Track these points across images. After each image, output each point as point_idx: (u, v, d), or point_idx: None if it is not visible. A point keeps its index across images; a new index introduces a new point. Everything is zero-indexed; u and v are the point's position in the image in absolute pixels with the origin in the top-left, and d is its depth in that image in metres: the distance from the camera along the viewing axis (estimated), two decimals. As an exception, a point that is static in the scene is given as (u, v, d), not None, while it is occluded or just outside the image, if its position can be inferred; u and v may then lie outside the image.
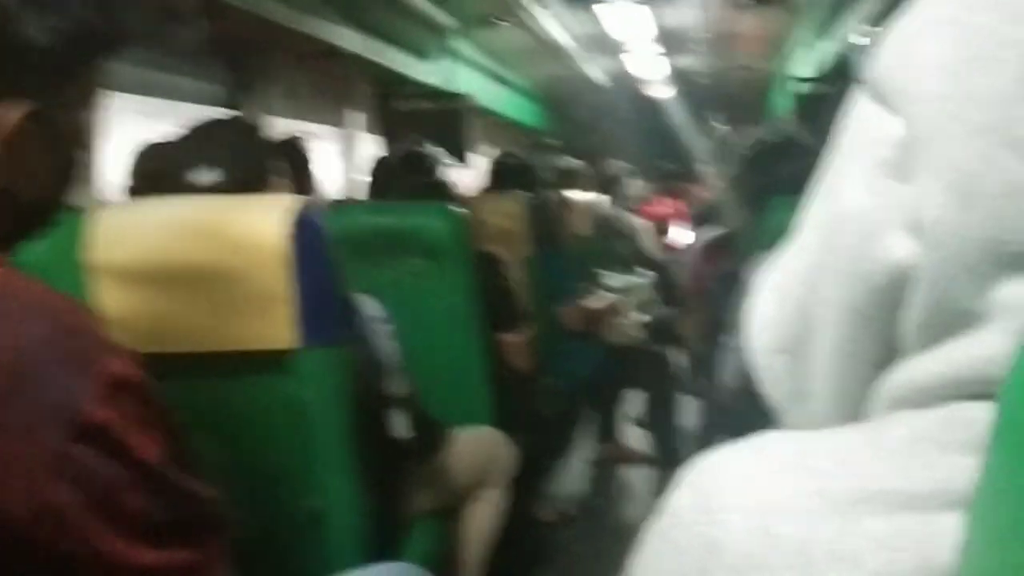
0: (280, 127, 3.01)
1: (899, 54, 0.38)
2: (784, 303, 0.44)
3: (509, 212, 2.52)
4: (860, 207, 0.38)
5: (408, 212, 1.90)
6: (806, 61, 4.19)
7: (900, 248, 0.36)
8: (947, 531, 0.31)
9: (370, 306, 1.32)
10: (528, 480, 2.22)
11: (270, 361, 1.16)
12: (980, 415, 0.33)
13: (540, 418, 2.48)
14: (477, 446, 1.84)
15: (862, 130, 0.39)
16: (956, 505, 0.31)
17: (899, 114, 0.37)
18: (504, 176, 2.81)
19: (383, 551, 1.36)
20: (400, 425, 1.42)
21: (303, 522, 1.23)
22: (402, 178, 2.41)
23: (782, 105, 4.68)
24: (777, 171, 1.81)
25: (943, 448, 0.33)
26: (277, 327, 1.14)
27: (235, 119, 1.56)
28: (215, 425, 1.15)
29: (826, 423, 0.43)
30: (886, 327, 0.38)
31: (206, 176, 1.25)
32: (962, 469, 0.32)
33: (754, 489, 0.35)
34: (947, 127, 0.34)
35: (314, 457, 1.19)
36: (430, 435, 1.64)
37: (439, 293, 1.87)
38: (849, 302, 0.39)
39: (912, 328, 0.37)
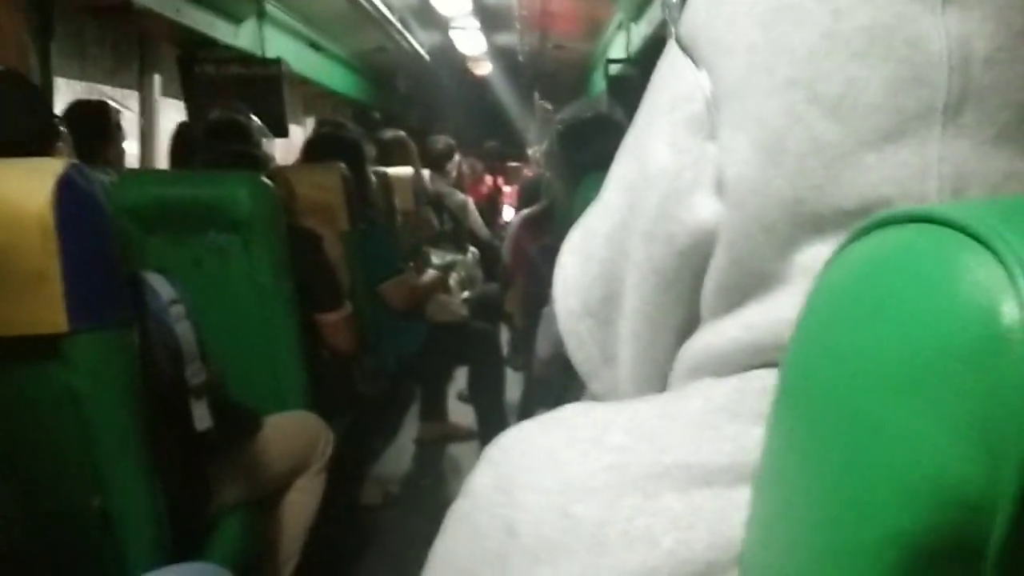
0: (65, 89, 2.74)
1: (708, 4, 0.36)
2: (588, 266, 0.42)
3: (326, 184, 2.41)
4: (665, 166, 0.37)
5: (208, 182, 1.76)
6: (620, 43, 4.31)
7: (704, 209, 0.35)
8: (740, 505, 0.30)
9: (159, 284, 1.20)
10: (349, 463, 2.15)
11: (38, 347, 1.03)
12: (774, 383, 0.32)
13: (362, 399, 2.41)
14: (291, 431, 1.75)
15: (670, 85, 0.38)
16: (750, 478, 0.31)
17: (707, 67, 0.35)
18: (322, 147, 2.68)
19: (185, 550, 1.25)
20: (201, 415, 1.30)
21: (90, 522, 1.11)
22: (208, 147, 2.24)
23: (600, 85, 4.80)
24: (589, 147, 1.83)
25: (738, 419, 0.33)
26: (44, 308, 1.01)
27: (3, 73, 1.37)
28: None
29: (631, 391, 0.42)
30: (689, 292, 0.37)
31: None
32: (756, 440, 0.31)
33: (552, 466, 0.34)
34: (754, 80, 0.33)
35: (96, 452, 1.07)
36: (235, 423, 1.53)
37: (246, 270, 1.75)
38: (653, 265, 0.38)
39: (711, 291, 0.36)
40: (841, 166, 0.31)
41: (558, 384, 1.68)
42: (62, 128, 1.34)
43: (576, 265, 0.43)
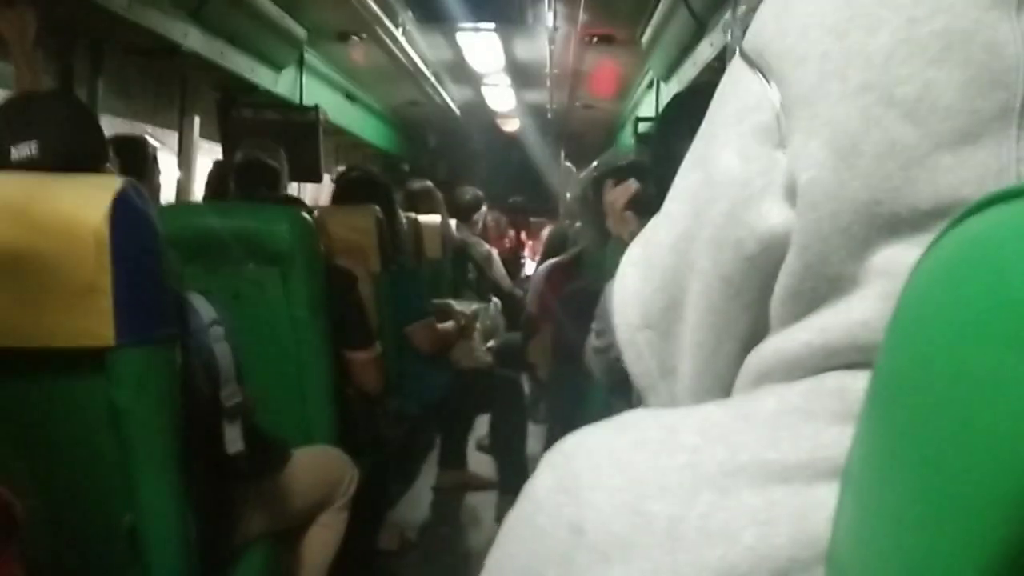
0: (110, 126, 2.81)
1: (777, 18, 0.37)
2: (650, 276, 0.42)
3: (359, 226, 2.44)
4: (734, 174, 0.37)
5: (250, 214, 1.78)
6: (650, 102, 4.37)
7: (774, 215, 0.35)
8: (821, 502, 0.30)
9: (201, 305, 1.21)
10: (369, 505, 2.13)
11: (84, 359, 1.04)
12: (851, 383, 0.32)
13: (385, 441, 2.39)
14: (317, 466, 1.74)
15: (737, 98, 0.38)
16: (829, 475, 0.30)
17: (776, 78, 0.36)
18: (352, 189, 2.72)
19: (211, 574, 1.24)
20: (233, 438, 1.30)
21: (118, 539, 1.10)
22: (241, 186, 2.28)
23: (628, 144, 4.86)
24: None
25: (813, 418, 0.32)
26: (93, 321, 1.02)
27: (60, 93, 1.41)
28: (17, 427, 1.02)
29: (691, 403, 0.41)
30: (757, 300, 0.37)
31: (23, 150, 1.11)
32: (834, 438, 0.31)
33: (620, 466, 0.33)
34: (827, 86, 0.33)
35: (131, 468, 1.07)
36: (267, 452, 1.53)
37: (282, 303, 1.76)
38: (719, 272, 0.37)
39: (783, 298, 0.36)
40: (918, 168, 0.31)
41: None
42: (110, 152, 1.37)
43: (636, 277, 0.43)
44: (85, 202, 1.00)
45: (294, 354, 1.81)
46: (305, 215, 1.80)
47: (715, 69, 2.90)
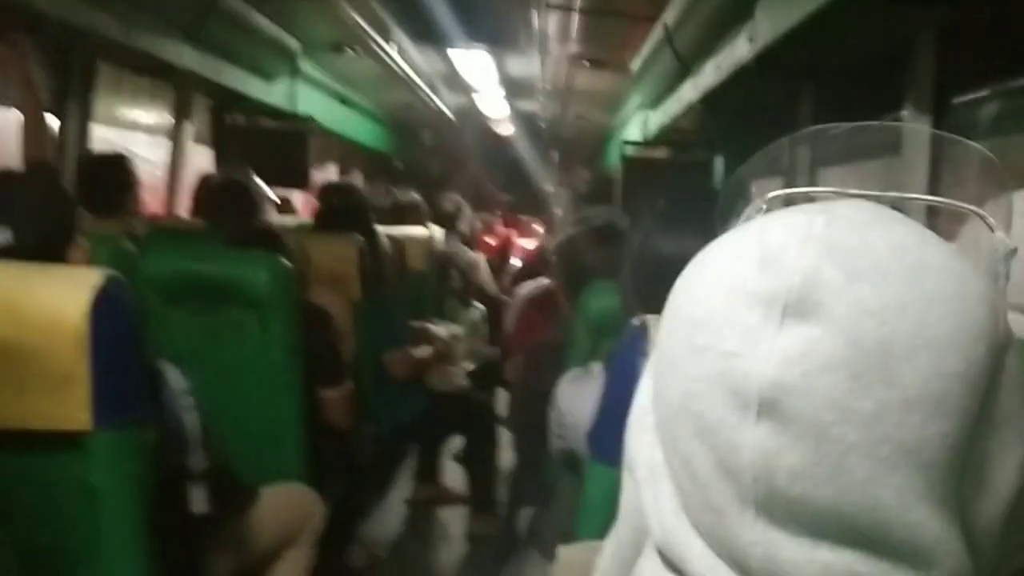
0: (105, 135, 2.87)
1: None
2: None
3: (340, 255, 2.50)
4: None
5: (230, 260, 1.85)
6: (636, 125, 4.44)
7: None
8: None
9: (173, 376, 1.28)
10: (338, 526, 2.20)
11: (61, 442, 1.11)
12: None
13: (356, 466, 2.47)
14: (285, 505, 1.81)
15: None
16: None
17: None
18: (336, 214, 2.76)
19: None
20: (198, 499, 1.37)
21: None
22: (224, 210, 2.37)
23: (614, 156, 4.92)
24: (596, 254, 1.88)
25: None
26: (71, 407, 1.09)
27: (32, 170, 1.50)
28: (-2, 507, 1.09)
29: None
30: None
31: (-1, 236, 1.18)
32: None
33: None
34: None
35: (104, 545, 1.14)
36: (234, 494, 1.60)
37: (259, 345, 1.83)
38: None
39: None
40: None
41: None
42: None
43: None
44: (66, 301, 1.07)
45: (269, 393, 1.88)
46: (284, 261, 1.87)
47: (697, 111, 2.97)
